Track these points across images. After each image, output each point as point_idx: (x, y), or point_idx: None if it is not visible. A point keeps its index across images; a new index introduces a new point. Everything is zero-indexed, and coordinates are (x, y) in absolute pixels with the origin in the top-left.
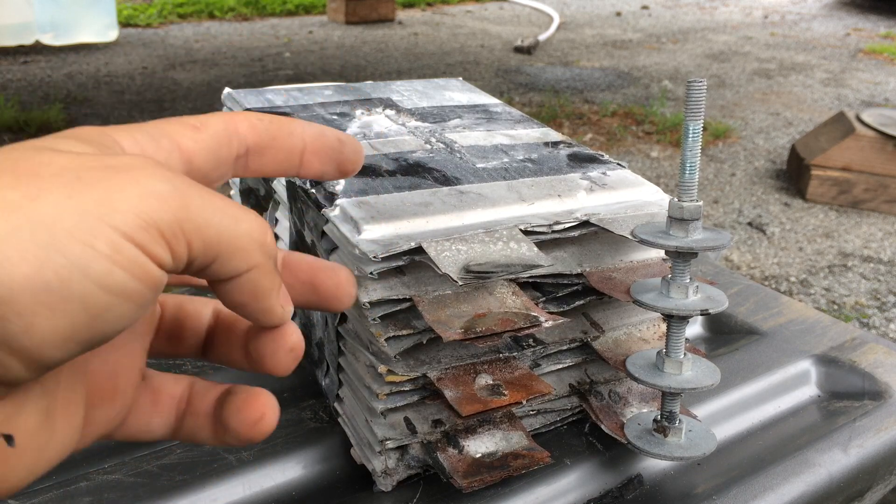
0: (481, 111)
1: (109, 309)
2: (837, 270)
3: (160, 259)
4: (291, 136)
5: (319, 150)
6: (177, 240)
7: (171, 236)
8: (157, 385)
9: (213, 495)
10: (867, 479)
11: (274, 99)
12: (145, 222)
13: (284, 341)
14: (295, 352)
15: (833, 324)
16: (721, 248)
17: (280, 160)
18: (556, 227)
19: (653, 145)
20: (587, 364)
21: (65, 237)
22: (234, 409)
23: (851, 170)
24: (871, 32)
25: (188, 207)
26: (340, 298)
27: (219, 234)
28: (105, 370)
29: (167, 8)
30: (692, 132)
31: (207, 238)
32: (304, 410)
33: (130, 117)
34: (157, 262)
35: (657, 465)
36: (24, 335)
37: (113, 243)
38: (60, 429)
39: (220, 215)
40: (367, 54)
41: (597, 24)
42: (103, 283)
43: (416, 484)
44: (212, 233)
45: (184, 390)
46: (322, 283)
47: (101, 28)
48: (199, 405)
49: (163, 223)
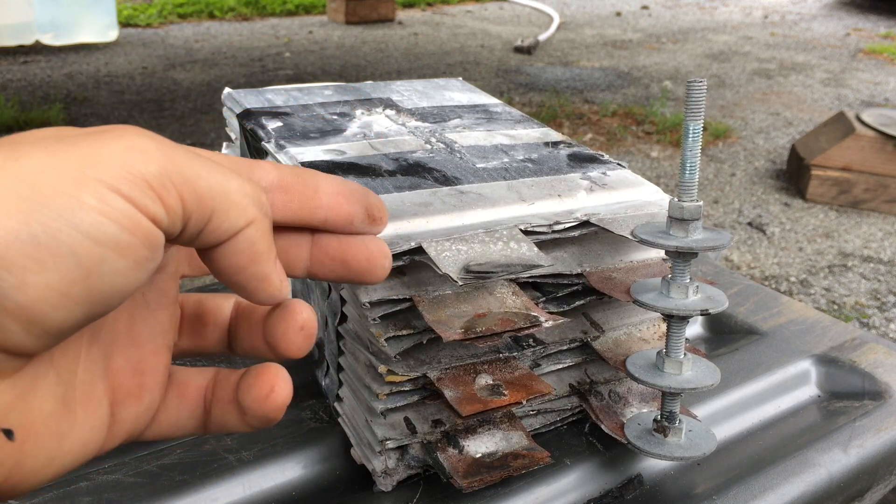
0: (481, 111)
1: (103, 262)
2: (837, 270)
3: (151, 212)
4: (316, 175)
5: (345, 192)
6: (167, 191)
7: (160, 188)
8: (182, 379)
9: (213, 495)
10: (867, 479)
11: (274, 99)
12: (131, 174)
13: (294, 319)
14: (306, 329)
15: (833, 324)
16: (721, 248)
17: (306, 196)
18: (556, 227)
19: (653, 145)
20: (587, 364)
21: (49, 190)
22: (246, 387)
23: (851, 170)
24: (871, 32)
25: (175, 160)
26: (373, 272)
27: (210, 187)
28: (128, 367)
29: (167, 8)
30: (692, 132)
31: (199, 191)
32: (304, 410)
33: (130, 117)
34: (148, 214)
35: (657, 465)
36: (16, 291)
37: (99, 195)
38: (81, 421)
39: (208, 170)
40: (367, 54)
41: (597, 24)
42: (93, 234)
43: (416, 484)
44: (203, 186)
45: (209, 381)
46: (353, 258)
47: (101, 28)
48: (223, 393)
49: (149, 175)
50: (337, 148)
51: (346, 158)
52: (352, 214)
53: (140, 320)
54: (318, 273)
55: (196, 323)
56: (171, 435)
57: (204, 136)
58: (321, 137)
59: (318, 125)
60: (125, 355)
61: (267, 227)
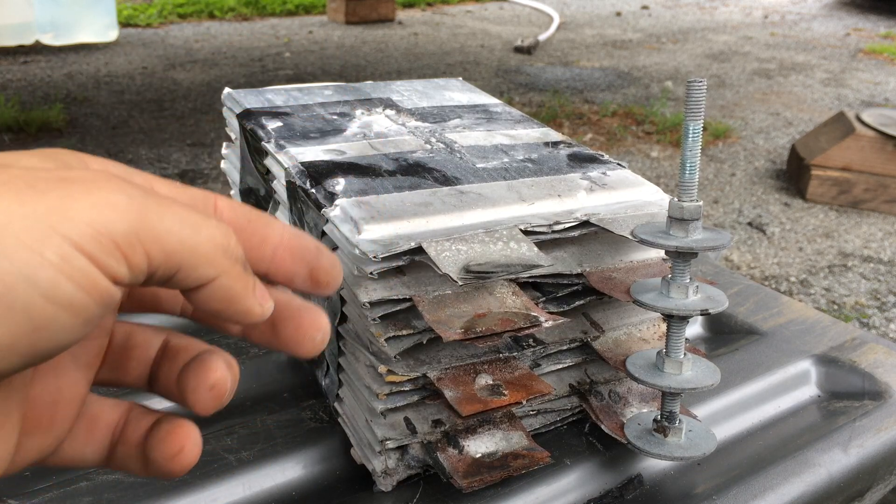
0: (481, 111)
1: (54, 321)
2: (837, 270)
3: (113, 272)
4: (268, 225)
5: (294, 249)
6: (133, 250)
7: (126, 247)
8: (95, 412)
9: (213, 495)
10: (867, 479)
11: (274, 99)
12: (98, 232)
13: (206, 377)
14: (216, 389)
15: (833, 324)
16: (721, 248)
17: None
18: (556, 227)
19: (653, 145)
20: (587, 364)
21: (13, 242)
22: (155, 441)
23: (851, 170)
24: (871, 32)
25: (146, 217)
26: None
27: (180, 242)
28: (45, 398)
29: (167, 8)
30: (692, 132)
31: (168, 247)
32: (304, 410)
33: (130, 117)
34: (109, 274)
35: (657, 465)
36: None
37: (62, 252)
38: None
39: (179, 224)
40: (367, 54)
41: (597, 24)
42: (49, 293)
43: (416, 484)
44: (172, 241)
45: (120, 417)
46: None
47: (101, 28)
48: (131, 434)
49: (118, 234)
50: (337, 148)
51: (346, 158)
52: (293, 273)
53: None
54: (251, 335)
55: (121, 356)
56: (72, 465)
57: (204, 136)
58: (321, 137)
59: (318, 125)
60: (44, 385)
61: (239, 272)
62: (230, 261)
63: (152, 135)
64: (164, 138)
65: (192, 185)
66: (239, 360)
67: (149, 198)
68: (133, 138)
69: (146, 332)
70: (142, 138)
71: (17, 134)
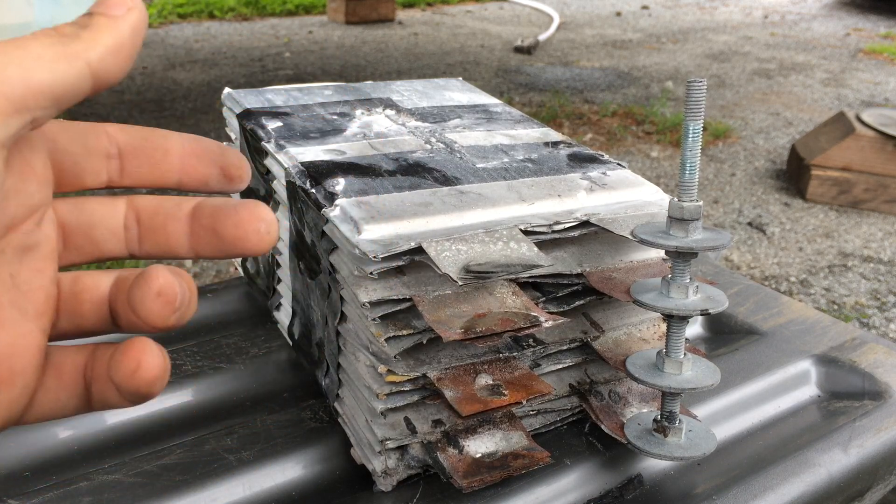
0: (481, 111)
1: None
2: (837, 270)
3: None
4: (166, 137)
5: (199, 152)
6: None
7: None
8: (59, 360)
9: (213, 495)
10: (867, 479)
11: (274, 99)
12: None
13: (150, 286)
14: (164, 295)
15: (833, 324)
16: (721, 248)
17: (156, 162)
18: (556, 227)
19: (653, 145)
20: (587, 364)
21: None
22: (115, 364)
23: (851, 170)
24: (871, 32)
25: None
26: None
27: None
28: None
29: (167, 8)
30: (692, 132)
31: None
32: (304, 410)
33: (130, 117)
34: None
35: (657, 465)
36: None
37: None
38: None
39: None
40: (367, 54)
41: (597, 24)
42: None
43: (416, 484)
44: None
45: (87, 358)
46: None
47: None
48: (99, 369)
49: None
50: (337, 148)
51: (346, 158)
52: (206, 175)
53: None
54: (200, 250)
55: (73, 302)
56: (55, 416)
57: (204, 135)
58: (321, 137)
59: (318, 125)
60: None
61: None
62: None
63: None
64: None
65: None
66: (239, 360)
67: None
68: None
69: (93, 275)
70: None
71: None
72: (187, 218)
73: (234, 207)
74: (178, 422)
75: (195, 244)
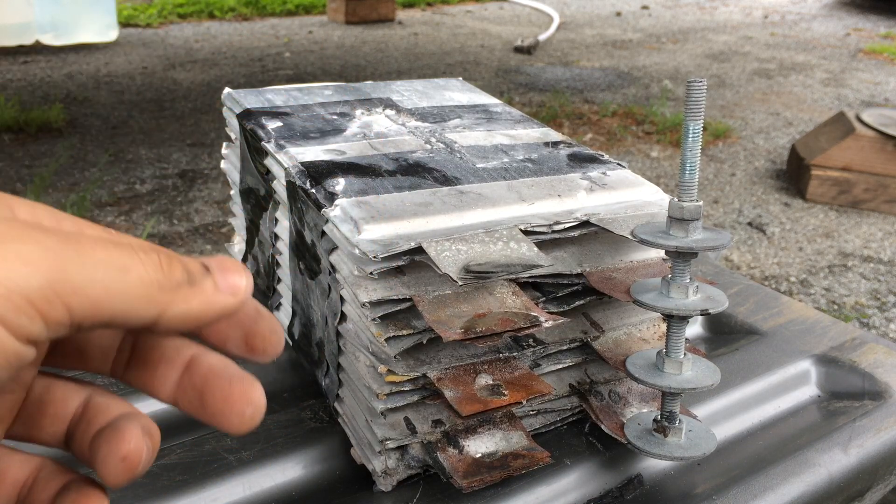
0: (481, 111)
1: None
2: (837, 270)
3: (26, 331)
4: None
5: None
6: (51, 306)
7: (42, 303)
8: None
9: (213, 495)
10: (867, 479)
11: (274, 99)
12: (7, 290)
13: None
14: (128, 462)
15: (833, 324)
16: (721, 248)
17: None
18: (556, 227)
19: (653, 145)
20: (587, 364)
21: None
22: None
23: (851, 170)
24: (871, 32)
25: (64, 268)
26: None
27: (106, 289)
28: None
29: (167, 8)
30: (692, 132)
31: (93, 296)
32: (304, 410)
33: (130, 117)
34: (20, 334)
35: (657, 465)
36: None
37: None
38: None
39: (104, 269)
40: (367, 54)
41: (597, 24)
42: None
43: (416, 484)
44: (97, 290)
45: (30, 474)
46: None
47: (101, 28)
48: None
49: (31, 290)
50: (337, 148)
51: (346, 158)
52: (226, 335)
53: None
54: (179, 402)
55: (36, 411)
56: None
57: (204, 136)
58: (321, 137)
59: (318, 125)
60: None
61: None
62: (170, 292)
63: (152, 135)
64: (164, 138)
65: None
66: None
67: (68, 244)
68: (133, 138)
69: (66, 387)
70: (142, 138)
71: (17, 134)
72: (181, 367)
73: (229, 380)
74: (178, 422)
75: (178, 396)
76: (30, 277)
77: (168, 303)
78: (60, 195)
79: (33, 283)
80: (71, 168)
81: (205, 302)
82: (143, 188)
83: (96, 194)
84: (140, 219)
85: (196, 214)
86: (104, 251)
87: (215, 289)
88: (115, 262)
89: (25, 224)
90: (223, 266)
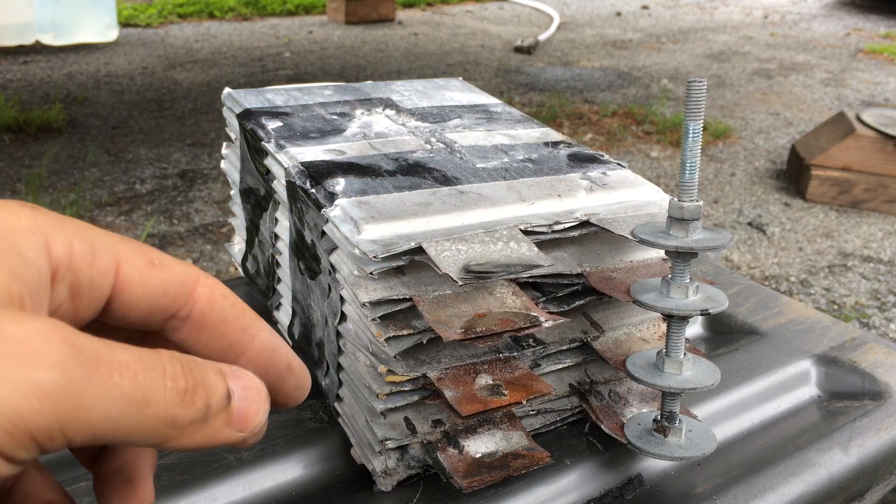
0: (481, 111)
1: None
2: (837, 270)
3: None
4: (243, 330)
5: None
6: (52, 441)
7: (44, 439)
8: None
9: (213, 495)
10: (867, 479)
11: (274, 99)
12: (13, 425)
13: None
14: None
15: (833, 324)
16: (721, 248)
17: (212, 347)
18: (556, 227)
19: (653, 145)
20: (587, 364)
21: None
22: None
23: (851, 170)
24: (871, 32)
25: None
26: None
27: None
28: None
29: (167, 8)
30: (692, 132)
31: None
32: (304, 410)
33: (130, 117)
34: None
35: (657, 465)
36: None
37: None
38: None
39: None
40: (367, 54)
41: (597, 24)
42: None
43: (416, 484)
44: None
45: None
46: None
47: (101, 28)
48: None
49: (37, 429)
50: (337, 148)
51: (346, 158)
52: None
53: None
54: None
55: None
56: None
57: (204, 136)
58: (321, 137)
59: (318, 125)
60: None
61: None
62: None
63: (152, 135)
64: (164, 138)
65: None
66: None
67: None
68: (133, 138)
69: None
70: (142, 138)
71: (17, 134)
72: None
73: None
74: None
75: None
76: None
77: (173, 437)
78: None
79: (43, 423)
80: (71, 168)
81: (209, 437)
82: (143, 188)
83: (96, 194)
84: (140, 219)
85: (196, 214)
86: (130, 382)
87: (226, 425)
88: (137, 395)
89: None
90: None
